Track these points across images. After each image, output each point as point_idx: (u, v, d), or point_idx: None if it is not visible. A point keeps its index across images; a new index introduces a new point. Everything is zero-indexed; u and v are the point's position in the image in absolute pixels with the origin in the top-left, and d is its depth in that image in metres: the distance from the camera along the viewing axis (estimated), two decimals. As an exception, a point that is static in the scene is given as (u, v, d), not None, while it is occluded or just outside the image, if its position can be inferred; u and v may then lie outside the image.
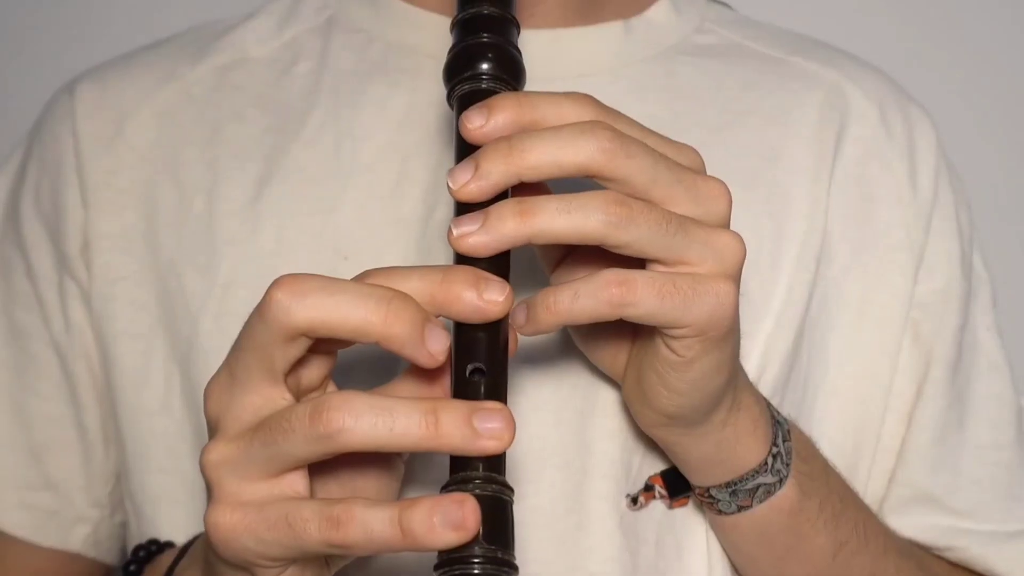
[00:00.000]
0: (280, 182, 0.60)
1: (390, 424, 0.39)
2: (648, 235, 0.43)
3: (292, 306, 0.40)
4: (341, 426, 0.39)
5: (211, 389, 0.44)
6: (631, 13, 0.64)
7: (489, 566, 0.40)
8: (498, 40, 0.49)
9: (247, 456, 0.42)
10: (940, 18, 0.97)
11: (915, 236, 0.64)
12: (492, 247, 0.43)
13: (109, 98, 0.63)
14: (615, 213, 0.42)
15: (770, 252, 0.60)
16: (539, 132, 0.43)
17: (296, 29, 0.65)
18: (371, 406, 0.40)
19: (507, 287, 0.42)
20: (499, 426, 0.40)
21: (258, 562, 0.43)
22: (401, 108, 0.61)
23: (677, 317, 0.44)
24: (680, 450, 0.52)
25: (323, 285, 0.41)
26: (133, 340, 0.61)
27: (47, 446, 0.65)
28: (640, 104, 0.59)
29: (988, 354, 0.66)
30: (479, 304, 0.42)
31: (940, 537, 0.64)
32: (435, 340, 0.41)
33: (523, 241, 0.43)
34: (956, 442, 0.64)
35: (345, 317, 0.40)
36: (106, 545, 0.68)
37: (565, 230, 0.42)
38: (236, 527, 0.42)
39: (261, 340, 0.41)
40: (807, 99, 0.64)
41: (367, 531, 0.40)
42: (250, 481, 0.42)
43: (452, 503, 0.39)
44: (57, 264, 0.63)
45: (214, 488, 0.43)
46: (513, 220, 0.42)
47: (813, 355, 0.61)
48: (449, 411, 0.40)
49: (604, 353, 0.52)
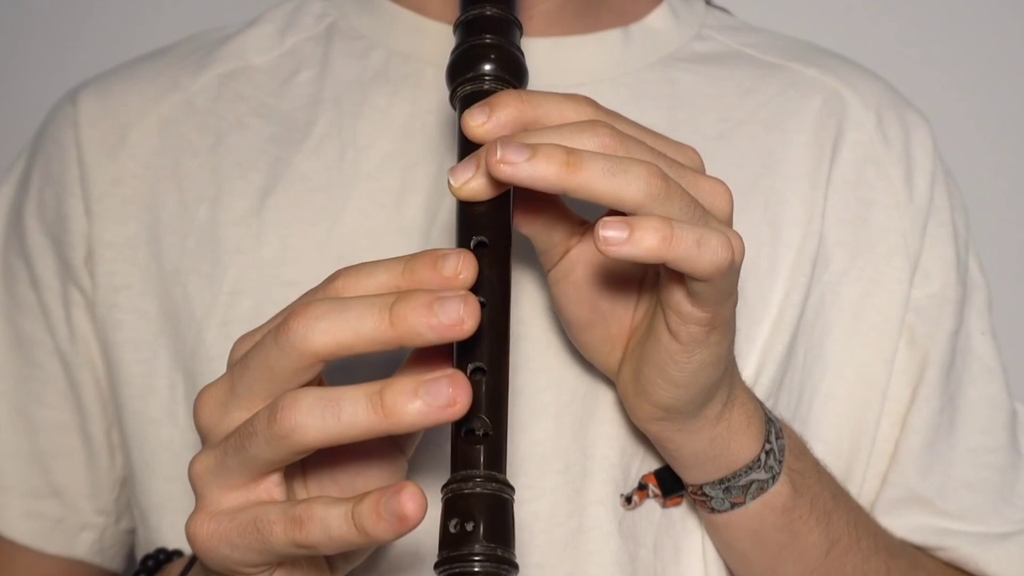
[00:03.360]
0: (283, 191, 0.60)
1: (337, 413, 0.39)
2: (679, 214, 0.43)
3: (308, 334, 0.40)
4: (295, 423, 0.39)
5: (204, 400, 0.44)
6: (630, 20, 0.64)
7: (489, 564, 0.40)
8: (501, 41, 0.49)
9: (223, 464, 0.42)
10: (939, 24, 0.97)
11: (911, 241, 0.64)
12: (528, 180, 0.41)
13: (112, 107, 0.64)
14: (657, 186, 0.42)
15: (768, 258, 0.60)
16: (540, 131, 0.43)
17: (297, 37, 0.65)
18: (319, 399, 0.40)
19: (463, 255, 0.41)
20: (449, 391, 0.39)
21: (239, 569, 0.43)
22: (402, 116, 0.61)
23: (725, 298, 0.44)
24: (673, 446, 0.52)
25: (332, 306, 0.41)
26: (137, 348, 0.61)
27: (52, 454, 0.65)
28: (639, 112, 0.59)
29: (982, 358, 0.66)
30: (441, 281, 0.41)
31: (931, 537, 0.64)
32: (450, 310, 0.39)
33: (560, 190, 0.42)
34: (948, 445, 0.65)
35: (357, 333, 0.40)
36: (111, 552, 0.68)
37: (605, 190, 0.42)
38: (212, 536, 0.42)
39: (274, 365, 0.41)
40: (805, 105, 0.64)
41: (326, 529, 0.40)
42: (229, 489, 0.43)
43: (392, 493, 0.39)
44: (61, 273, 0.63)
45: (198, 498, 0.44)
46: (560, 166, 0.41)
47: (810, 358, 0.62)
48: (393, 387, 0.39)
49: (599, 348, 0.52)
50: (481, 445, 0.42)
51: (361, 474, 0.47)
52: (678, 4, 0.67)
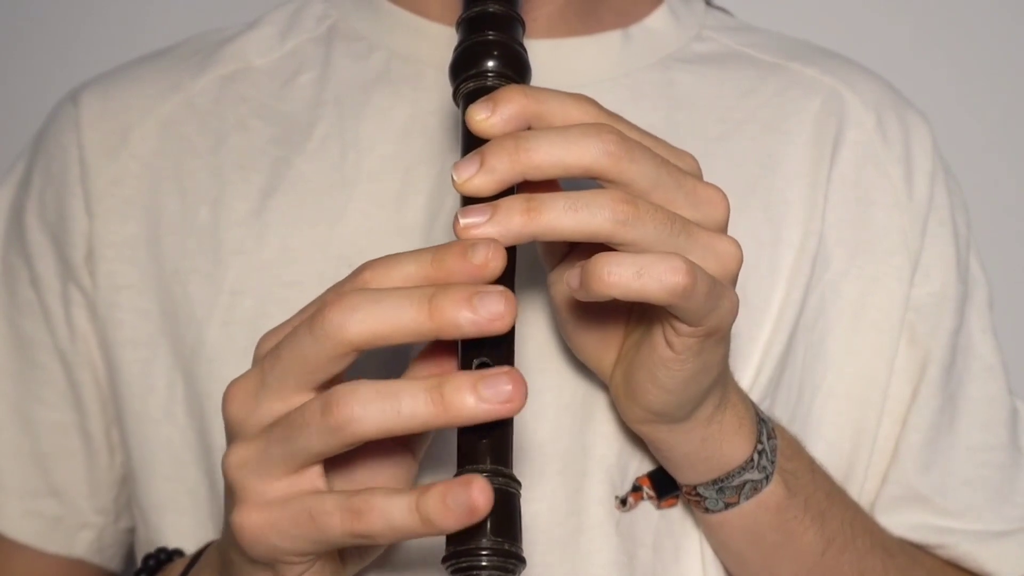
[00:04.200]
0: (285, 193, 0.60)
1: (397, 407, 0.40)
2: (654, 235, 0.43)
3: (345, 322, 0.40)
4: (351, 415, 0.40)
5: (234, 393, 0.44)
6: (630, 21, 0.64)
7: (496, 558, 0.40)
8: (503, 38, 0.49)
9: (266, 455, 0.42)
10: (939, 23, 0.97)
11: (911, 240, 0.64)
12: (496, 237, 0.42)
13: (113, 108, 0.64)
14: (622, 211, 0.42)
15: (768, 258, 0.61)
16: (545, 132, 0.44)
17: (298, 39, 0.65)
18: (377, 392, 0.40)
19: (492, 245, 0.41)
20: (508, 388, 0.40)
21: (285, 559, 0.43)
22: (403, 118, 0.61)
23: (704, 315, 0.44)
24: (665, 447, 0.52)
25: (370, 296, 0.41)
26: (137, 348, 0.61)
27: (52, 454, 0.65)
28: (638, 113, 0.59)
29: (982, 356, 0.67)
30: (471, 270, 0.41)
31: (930, 535, 0.64)
32: (490, 304, 0.40)
33: (529, 237, 0.43)
34: (947, 443, 0.65)
35: (395, 324, 0.40)
36: (110, 552, 0.68)
37: (572, 227, 0.42)
38: (263, 526, 0.42)
39: (308, 353, 0.41)
40: (805, 105, 0.65)
41: (387, 519, 0.40)
42: (271, 480, 0.42)
43: (461, 486, 0.39)
44: (61, 273, 0.63)
45: (238, 490, 0.43)
46: (521, 216, 0.42)
47: (810, 357, 0.62)
48: (452, 383, 0.40)
49: (594, 349, 0.52)
50: (487, 439, 0.42)
51: (375, 472, 0.47)
52: (678, 5, 0.67)
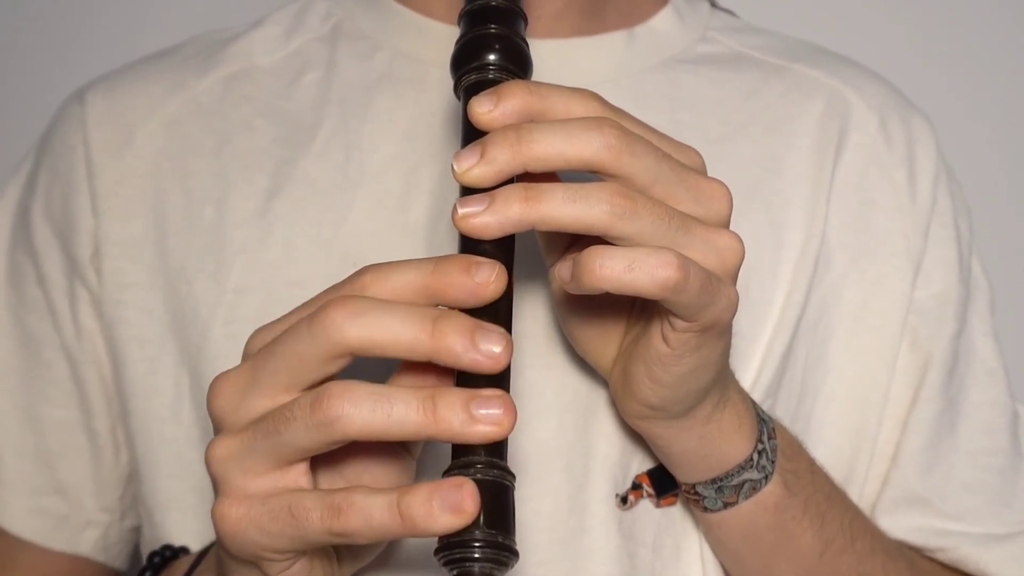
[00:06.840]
0: (289, 193, 0.60)
1: (388, 411, 0.40)
2: (651, 229, 0.43)
3: (346, 325, 0.41)
4: (340, 413, 0.40)
5: (222, 385, 0.44)
6: (635, 22, 0.65)
7: (489, 550, 0.40)
8: (505, 31, 0.49)
9: (251, 448, 0.42)
10: (943, 25, 0.97)
11: (913, 243, 0.64)
12: (496, 229, 0.43)
13: (119, 107, 0.64)
14: (619, 204, 0.42)
15: (771, 260, 0.61)
16: (547, 124, 0.44)
17: (303, 38, 0.65)
18: (370, 393, 0.40)
19: (497, 268, 0.42)
20: (498, 412, 0.40)
21: (265, 555, 0.43)
22: (407, 119, 0.61)
23: (699, 310, 0.44)
24: (663, 443, 0.52)
25: (374, 306, 0.41)
26: (142, 346, 0.61)
27: (57, 451, 0.66)
28: (641, 113, 0.58)
29: (984, 360, 0.66)
30: (472, 287, 0.42)
31: (931, 538, 0.64)
32: (490, 341, 0.41)
33: (527, 226, 0.43)
34: (948, 447, 0.65)
35: (396, 337, 0.41)
36: (115, 550, 0.68)
37: (570, 218, 0.42)
38: (241, 520, 0.42)
39: (304, 352, 0.41)
40: (808, 108, 0.65)
41: (367, 518, 0.40)
42: (255, 474, 0.42)
43: (451, 487, 0.39)
44: (67, 271, 0.64)
45: (220, 483, 0.43)
46: (519, 204, 0.42)
47: (812, 360, 0.62)
48: (447, 397, 0.40)
49: (594, 345, 0.52)
50: None
51: (367, 471, 0.47)
52: (683, 6, 0.67)
